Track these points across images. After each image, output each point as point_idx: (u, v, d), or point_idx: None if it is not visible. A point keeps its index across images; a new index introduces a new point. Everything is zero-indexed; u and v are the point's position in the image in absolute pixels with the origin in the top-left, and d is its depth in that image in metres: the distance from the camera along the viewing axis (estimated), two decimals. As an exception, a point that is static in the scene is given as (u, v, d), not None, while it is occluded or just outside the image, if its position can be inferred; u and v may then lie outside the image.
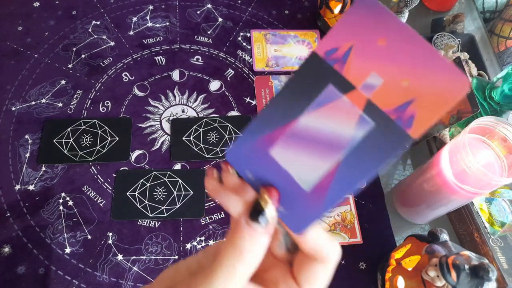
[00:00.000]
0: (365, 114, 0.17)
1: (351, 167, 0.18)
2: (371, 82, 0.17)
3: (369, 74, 0.17)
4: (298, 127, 0.19)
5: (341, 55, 0.17)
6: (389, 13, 0.16)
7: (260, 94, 0.64)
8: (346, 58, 0.17)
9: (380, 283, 0.49)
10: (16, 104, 0.59)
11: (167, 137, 0.59)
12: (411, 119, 0.16)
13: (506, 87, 0.55)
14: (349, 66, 0.17)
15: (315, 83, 0.18)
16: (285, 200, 0.19)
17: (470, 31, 0.75)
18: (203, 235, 0.52)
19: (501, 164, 0.45)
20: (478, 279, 0.36)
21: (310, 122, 0.18)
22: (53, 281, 0.48)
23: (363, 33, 0.17)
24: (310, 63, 0.18)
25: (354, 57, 0.17)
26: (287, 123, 0.19)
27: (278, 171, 0.19)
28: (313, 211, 0.19)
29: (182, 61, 0.65)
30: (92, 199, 0.53)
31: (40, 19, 0.66)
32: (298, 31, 0.71)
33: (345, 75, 0.17)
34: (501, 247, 0.50)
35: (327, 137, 0.18)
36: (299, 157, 0.19)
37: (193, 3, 0.72)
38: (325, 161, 0.18)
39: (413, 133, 0.16)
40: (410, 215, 0.55)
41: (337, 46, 0.17)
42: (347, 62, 0.17)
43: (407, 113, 0.16)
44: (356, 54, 0.17)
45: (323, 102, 0.18)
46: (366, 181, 0.18)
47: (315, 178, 0.19)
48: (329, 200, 0.19)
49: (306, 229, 0.19)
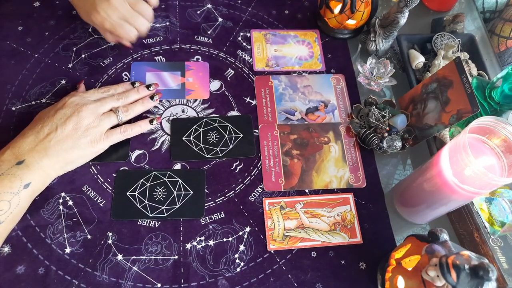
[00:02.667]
0: None
1: None
2: None
3: None
4: None
5: None
6: None
7: (260, 94, 0.64)
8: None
9: (380, 283, 0.49)
10: (16, 103, 0.59)
11: (167, 137, 0.59)
12: None
13: (506, 87, 0.55)
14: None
15: None
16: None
17: (470, 31, 0.75)
18: (203, 235, 0.52)
19: (501, 164, 0.45)
20: (478, 279, 0.36)
21: None
22: (53, 281, 0.48)
23: None
24: None
25: None
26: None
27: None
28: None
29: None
30: (92, 199, 0.53)
31: (40, 19, 0.66)
32: (298, 31, 0.71)
33: None
34: (501, 247, 0.50)
35: None
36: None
37: (193, 3, 0.72)
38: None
39: None
40: (410, 215, 0.55)
41: None
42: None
43: None
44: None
45: None
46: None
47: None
48: None
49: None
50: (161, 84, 0.63)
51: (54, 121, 0.50)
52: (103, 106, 0.54)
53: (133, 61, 0.64)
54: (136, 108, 0.57)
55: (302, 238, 0.53)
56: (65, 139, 0.50)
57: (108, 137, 0.53)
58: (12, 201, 0.45)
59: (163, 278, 0.49)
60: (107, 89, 0.57)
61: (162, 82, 0.63)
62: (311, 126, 0.62)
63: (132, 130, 0.56)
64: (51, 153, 0.49)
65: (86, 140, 0.51)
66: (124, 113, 0.55)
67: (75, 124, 0.50)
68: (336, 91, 0.66)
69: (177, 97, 0.62)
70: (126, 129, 0.55)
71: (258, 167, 0.58)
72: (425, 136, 0.57)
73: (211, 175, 0.57)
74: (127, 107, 0.56)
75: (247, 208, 0.55)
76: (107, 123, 0.53)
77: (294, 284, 0.51)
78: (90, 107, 0.52)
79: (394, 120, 0.59)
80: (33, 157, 0.48)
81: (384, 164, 0.61)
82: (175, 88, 0.63)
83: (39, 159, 0.48)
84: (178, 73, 0.64)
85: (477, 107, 0.49)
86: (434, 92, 0.56)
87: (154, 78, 0.63)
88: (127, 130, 0.55)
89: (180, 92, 0.63)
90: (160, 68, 0.64)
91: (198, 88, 0.63)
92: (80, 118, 0.51)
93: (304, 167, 0.58)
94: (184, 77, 0.64)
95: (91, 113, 0.52)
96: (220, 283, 0.50)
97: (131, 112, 0.56)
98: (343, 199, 0.57)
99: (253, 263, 0.51)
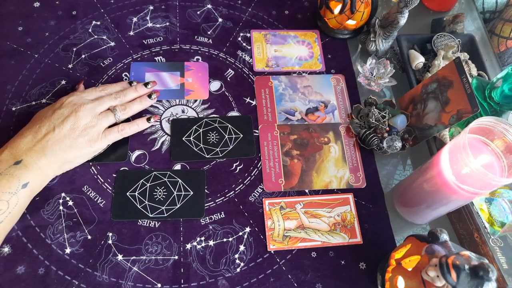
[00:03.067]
0: None
1: None
2: None
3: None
4: None
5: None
6: None
7: (260, 94, 0.64)
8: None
9: (380, 283, 0.49)
10: (16, 104, 0.59)
11: (167, 137, 0.59)
12: None
13: (506, 87, 0.55)
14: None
15: None
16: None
17: (470, 31, 0.75)
18: (203, 235, 0.52)
19: (501, 164, 0.45)
20: (478, 279, 0.36)
21: None
22: (53, 281, 0.48)
23: None
24: None
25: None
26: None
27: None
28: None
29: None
30: (92, 199, 0.53)
31: (40, 19, 0.66)
32: (298, 31, 0.71)
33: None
34: (501, 247, 0.50)
35: None
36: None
37: (193, 3, 0.72)
38: None
39: None
40: (410, 215, 0.55)
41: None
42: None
43: None
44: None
45: None
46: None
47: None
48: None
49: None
50: (160, 84, 0.63)
51: (52, 121, 0.50)
52: (101, 105, 0.53)
53: (133, 62, 0.64)
54: (134, 107, 0.57)
55: (302, 239, 0.53)
56: (62, 139, 0.50)
57: (106, 136, 0.53)
58: (10, 201, 0.45)
59: (163, 278, 0.49)
60: (104, 87, 0.57)
61: (161, 82, 0.63)
62: (311, 126, 0.62)
63: (129, 128, 0.55)
64: (49, 153, 0.49)
65: (84, 140, 0.51)
66: (122, 111, 0.55)
67: (73, 124, 0.50)
68: (336, 91, 0.66)
69: (176, 98, 0.62)
70: (123, 128, 0.55)
71: (258, 168, 0.58)
72: (425, 136, 0.57)
73: (211, 175, 0.57)
74: (125, 106, 0.55)
75: (247, 209, 0.55)
76: (105, 122, 0.53)
77: (294, 284, 0.51)
78: (87, 106, 0.52)
79: (394, 120, 0.59)
80: (31, 157, 0.48)
81: (384, 164, 0.61)
82: (174, 88, 0.63)
83: (37, 159, 0.48)
84: (178, 73, 0.64)
85: (477, 108, 0.49)
86: (434, 92, 0.56)
87: (153, 78, 0.63)
88: (124, 128, 0.55)
89: (180, 92, 0.63)
90: (159, 68, 0.64)
91: (198, 88, 0.63)
92: (78, 118, 0.51)
93: (304, 167, 0.58)
94: (183, 78, 0.64)
95: (89, 113, 0.52)
96: (220, 283, 0.50)
97: (129, 110, 0.56)
98: (343, 199, 0.57)
99: (253, 263, 0.51)
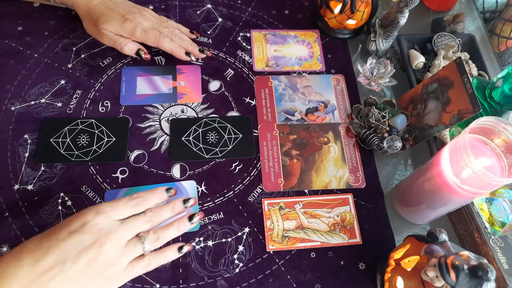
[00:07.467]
0: None
1: None
2: None
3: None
4: None
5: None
6: None
7: (260, 94, 0.64)
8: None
9: (379, 284, 0.48)
10: (15, 103, 0.59)
11: (166, 137, 0.59)
12: None
13: (507, 87, 0.55)
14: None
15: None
16: None
17: (470, 31, 0.74)
18: (202, 235, 0.52)
19: (501, 164, 0.45)
20: (477, 280, 0.36)
21: None
22: (52, 281, 0.48)
23: None
24: None
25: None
26: None
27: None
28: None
29: (182, 62, 0.65)
30: (91, 199, 0.53)
31: (40, 19, 0.66)
32: (298, 31, 0.71)
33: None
34: (502, 247, 0.50)
35: None
36: None
37: (193, 3, 0.72)
38: None
39: None
40: (410, 215, 0.55)
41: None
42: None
43: None
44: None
45: None
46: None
47: None
48: None
49: None
50: (152, 88, 0.62)
51: (64, 250, 0.37)
52: (130, 231, 0.41)
53: (125, 66, 0.64)
54: (168, 235, 0.43)
55: (301, 239, 0.53)
56: (73, 279, 0.36)
57: (127, 274, 0.40)
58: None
59: (162, 279, 0.49)
60: (139, 201, 0.42)
61: (153, 86, 0.62)
62: (311, 126, 0.62)
63: (156, 261, 0.43)
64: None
65: (101, 280, 0.38)
66: (153, 242, 0.42)
67: (93, 259, 0.37)
68: (336, 91, 0.66)
69: (169, 101, 0.61)
70: (150, 262, 0.42)
71: (257, 168, 0.58)
72: (426, 136, 0.57)
73: (211, 175, 0.56)
74: (158, 235, 0.42)
75: (246, 209, 0.55)
76: (130, 256, 0.40)
77: (293, 285, 0.50)
78: (115, 236, 0.39)
79: (394, 120, 0.59)
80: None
81: (384, 164, 0.61)
82: (166, 92, 0.62)
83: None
84: (170, 77, 0.64)
85: (478, 107, 0.49)
86: (435, 92, 0.56)
87: (145, 82, 0.62)
88: (151, 263, 0.42)
89: (172, 96, 0.62)
90: (151, 72, 0.64)
91: (190, 91, 0.63)
92: (101, 253, 0.38)
93: (303, 167, 0.58)
94: (175, 81, 0.63)
95: (116, 245, 0.39)
96: (219, 283, 0.50)
97: (162, 240, 0.43)
98: (343, 200, 0.56)
99: (252, 264, 0.51)
